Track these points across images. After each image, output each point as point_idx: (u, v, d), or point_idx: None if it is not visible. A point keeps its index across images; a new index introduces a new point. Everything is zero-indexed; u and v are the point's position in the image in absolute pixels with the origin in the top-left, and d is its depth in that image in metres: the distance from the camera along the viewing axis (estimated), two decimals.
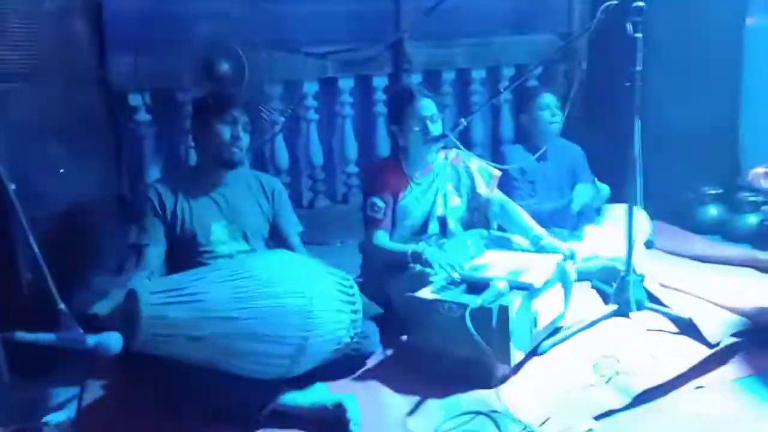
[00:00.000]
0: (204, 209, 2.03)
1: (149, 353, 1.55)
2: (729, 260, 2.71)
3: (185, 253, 2.00)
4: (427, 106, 2.32)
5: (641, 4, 1.94)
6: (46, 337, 1.39)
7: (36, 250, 1.41)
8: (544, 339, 2.03)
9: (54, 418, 1.69)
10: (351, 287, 1.84)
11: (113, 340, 1.45)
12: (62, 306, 1.39)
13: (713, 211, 3.21)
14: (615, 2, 1.97)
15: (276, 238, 2.17)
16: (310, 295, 1.69)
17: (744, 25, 3.39)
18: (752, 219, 3.05)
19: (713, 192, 3.23)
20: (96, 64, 2.72)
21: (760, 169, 3.13)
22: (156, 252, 1.98)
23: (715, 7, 3.28)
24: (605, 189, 2.76)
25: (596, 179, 2.78)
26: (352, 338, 1.81)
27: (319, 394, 1.75)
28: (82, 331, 1.41)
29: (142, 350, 1.53)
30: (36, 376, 1.86)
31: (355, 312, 1.81)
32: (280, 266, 1.74)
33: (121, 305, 1.56)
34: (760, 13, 3.64)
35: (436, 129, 2.30)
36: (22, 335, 1.38)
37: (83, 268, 2.33)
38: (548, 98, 2.80)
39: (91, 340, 1.42)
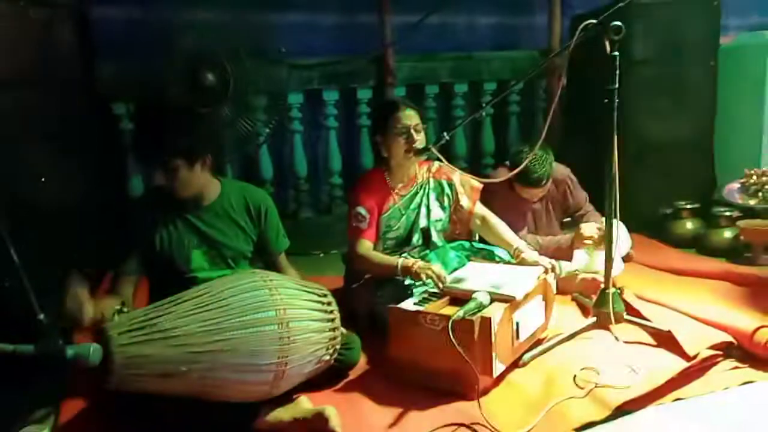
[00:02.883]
0: (183, 236, 1.95)
1: (124, 390, 1.52)
2: (705, 273, 2.77)
3: (166, 278, 1.95)
4: (410, 115, 2.32)
5: (619, 23, 1.99)
6: (24, 348, 1.37)
7: (15, 259, 1.39)
8: (525, 351, 2.05)
9: (33, 430, 1.65)
10: (329, 303, 1.80)
11: (92, 352, 1.44)
12: (41, 316, 1.37)
13: (689, 225, 3.27)
14: (594, 21, 2.02)
15: (261, 255, 2.09)
16: (286, 320, 1.65)
17: (719, 45, 3.48)
18: (727, 233, 3.12)
19: (689, 207, 3.30)
20: (81, 73, 2.70)
21: (735, 185, 3.21)
22: (129, 281, 1.93)
23: (691, 27, 3.37)
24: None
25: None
26: (331, 355, 1.80)
27: (300, 408, 1.74)
28: (61, 341, 1.39)
29: (117, 388, 1.50)
30: (14, 387, 1.82)
31: (334, 329, 1.78)
32: (252, 292, 1.67)
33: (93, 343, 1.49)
34: (735, 33, 3.76)
35: (420, 140, 2.32)
36: (0, 346, 1.36)
37: (63, 277, 2.29)
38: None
39: (70, 351, 1.40)
